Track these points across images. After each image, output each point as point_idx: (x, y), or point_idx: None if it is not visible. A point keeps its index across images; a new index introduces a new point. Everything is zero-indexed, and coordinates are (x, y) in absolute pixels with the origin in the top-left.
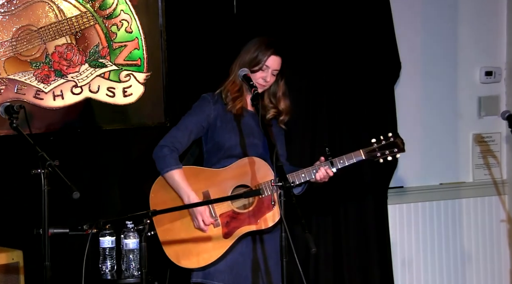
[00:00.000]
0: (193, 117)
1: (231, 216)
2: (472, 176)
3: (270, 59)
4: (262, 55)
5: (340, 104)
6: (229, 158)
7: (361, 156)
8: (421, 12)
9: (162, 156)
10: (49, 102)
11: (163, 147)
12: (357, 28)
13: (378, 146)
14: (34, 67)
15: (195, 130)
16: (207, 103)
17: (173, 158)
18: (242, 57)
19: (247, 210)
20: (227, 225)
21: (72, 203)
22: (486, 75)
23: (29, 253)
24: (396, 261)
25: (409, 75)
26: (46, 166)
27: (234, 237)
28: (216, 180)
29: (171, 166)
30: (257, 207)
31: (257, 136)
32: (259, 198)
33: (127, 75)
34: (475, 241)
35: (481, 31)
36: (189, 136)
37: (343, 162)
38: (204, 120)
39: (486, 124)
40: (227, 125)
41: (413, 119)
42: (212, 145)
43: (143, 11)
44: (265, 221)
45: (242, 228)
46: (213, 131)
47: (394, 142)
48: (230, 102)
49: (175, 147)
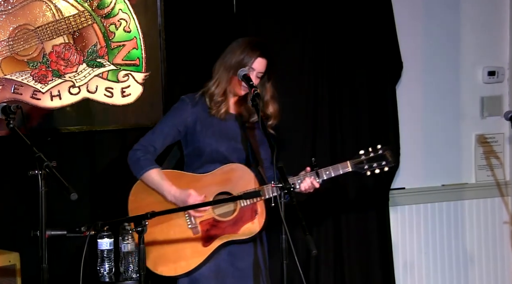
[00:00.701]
0: (169, 121)
1: (212, 223)
2: (474, 177)
3: (257, 61)
4: (249, 58)
5: (341, 105)
6: (213, 163)
7: (348, 168)
8: (423, 11)
9: (136, 159)
10: (46, 102)
11: (136, 150)
12: (359, 28)
13: (366, 158)
14: (31, 67)
15: (171, 134)
16: (185, 106)
17: (147, 159)
18: (228, 59)
19: (228, 219)
20: (207, 233)
21: (70, 205)
22: (489, 75)
23: (26, 255)
24: (398, 264)
25: (411, 75)
26: (44, 167)
27: (213, 245)
28: (198, 185)
29: (147, 167)
30: (239, 216)
31: (240, 141)
32: (242, 207)
33: (125, 75)
34: (478, 243)
35: (484, 30)
36: (164, 140)
37: (329, 173)
38: (181, 124)
39: (489, 125)
40: (207, 130)
41: (415, 120)
42: (193, 150)
43: (141, 10)
44: (246, 230)
45: (223, 236)
46: (193, 135)
47: (383, 154)
48: (215, 107)
49: (148, 151)
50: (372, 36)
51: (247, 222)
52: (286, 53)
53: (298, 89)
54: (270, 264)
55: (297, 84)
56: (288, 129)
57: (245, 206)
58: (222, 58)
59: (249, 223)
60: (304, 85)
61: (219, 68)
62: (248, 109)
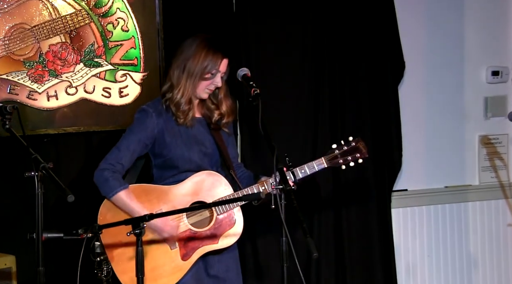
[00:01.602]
0: (135, 135)
1: (189, 236)
2: (478, 179)
3: (222, 64)
4: (214, 63)
5: (342, 105)
6: (184, 173)
7: (323, 164)
8: (426, 9)
9: (104, 180)
10: (43, 102)
11: (103, 170)
12: (360, 27)
13: (339, 152)
14: (28, 66)
15: (137, 149)
16: (149, 117)
17: (116, 180)
18: (190, 65)
19: (206, 228)
20: (185, 246)
21: (67, 207)
22: (492, 74)
23: (22, 258)
24: (400, 267)
25: (413, 75)
26: (40, 169)
27: (193, 258)
28: (169, 197)
29: (116, 189)
30: (217, 224)
31: (208, 144)
32: (218, 215)
33: (123, 75)
34: (482, 246)
35: (488, 29)
36: (131, 156)
37: (305, 172)
38: (148, 137)
39: (493, 125)
40: (176, 140)
41: (418, 120)
42: (163, 161)
43: (139, 9)
44: (227, 238)
45: (202, 248)
46: (162, 147)
47: (356, 146)
48: (182, 116)
49: (116, 169)
50: (374, 35)
51: (227, 229)
52: (287, 52)
53: (299, 89)
54: (271, 268)
55: (297, 84)
56: (289, 129)
57: (221, 213)
58: (181, 63)
59: (228, 231)
60: (304, 85)
61: (179, 74)
62: (208, 107)
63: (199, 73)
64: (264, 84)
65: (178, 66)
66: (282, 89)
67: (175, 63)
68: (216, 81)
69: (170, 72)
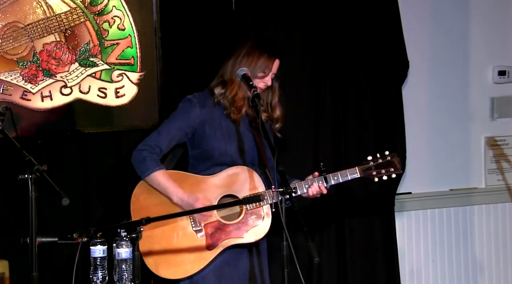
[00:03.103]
0: (177, 122)
1: (217, 227)
2: (484, 182)
3: (275, 64)
4: (267, 63)
5: (344, 105)
6: (219, 166)
7: (356, 174)
8: (431, 8)
9: (142, 159)
10: (37, 103)
11: (141, 151)
12: (363, 25)
13: (374, 164)
14: (21, 66)
15: (177, 136)
16: (193, 107)
17: (153, 160)
18: (246, 63)
19: (234, 222)
20: (211, 236)
21: (61, 210)
22: (499, 74)
23: (15, 263)
24: (404, 272)
25: (417, 75)
26: (34, 171)
27: (218, 249)
28: (202, 187)
29: (153, 168)
30: (244, 220)
31: (247, 141)
32: (247, 210)
33: (119, 74)
34: (488, 250)
35: (494, 28)
36: (169, 142)
37: (337, 179)
38: (189, 126)
39: (500, 127)
40: (216, 132)
41: (422, 121)
42: (200, 153)
43: (136, 7)
44: (252, 234)
45: (228, 240)
46: (201, 138)
47: (391, 161)
48: (236, 111)
49: (154, 151)
50: (377, 34)
51: (252, 226)
52: (287, 52)
53: (299, 89)
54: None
55: (298, 84)
56: (289, 130)
57: (250, 209)
58: (235, 61)
59: (255, 227)
60: (305, 85)
61: (235, 71)
62: None
63: (253, 72)
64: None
65: (233, 64)
66: (282, 88)
67: (229, 61)
68: (266, 80)
69: (223, 69)
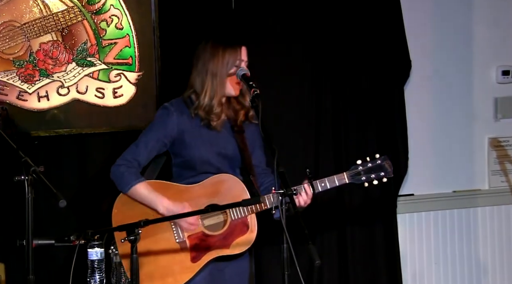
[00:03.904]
0: (154, 133)
1: (201, 238)
2: (488, 183)
3: (242, 52)
4: (234, 55)
5: (346, 105)
6: (204, 174)
7: (345, 180)
8: (433, 6)
9: (120, 174)
10: (33, 103)
11: (119, 166)
12: (364, 24)
13: (364, 169)
14: (17, 66)
15: (156, 147)
16: (170, 115)
17: (132, 174)
18: (211, 66)
19: (218, 233)
20: (195, 248)
21: (58, 212)
22: (503, 74)
23: (11, 266)
24: (406, 274)
25: (420, 75)
26: (30, 172)
27: (203, 261)
28: (186, 197)
29: (132, 182)
30: (230, 230)
31: (229, 147)
32: (232, 220)
33: (117, 74)
34: (491, 253)
35: (498, 27)
36: (148, 154)
37: (325, 186)
38: (167, 135)
39: (503, 127)
40: (196, 141)
41: (424, 122)
42: (182, 162)
43: (134, 6)
44: (238, 245)
45: (212, 252)
46: (181, 147)
47: (381, 165)
48: (216, 118)
49: (132, 165)
50: (379, 33)
51: (238, 237)
52: (287, 51)
53: (300, 89)
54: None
55: (298, 83)
56: (289, 130)
57: (236, 219)
58: (201, 68)
59: (240, 238)
60: (305, 85)
61: (203, 79)
62: (234, 108)
63: (225, 71)
64: (264, 84)
65: (199, 73)
66: (282, 88)
67: (194, 71)
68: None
69: (191, 80)
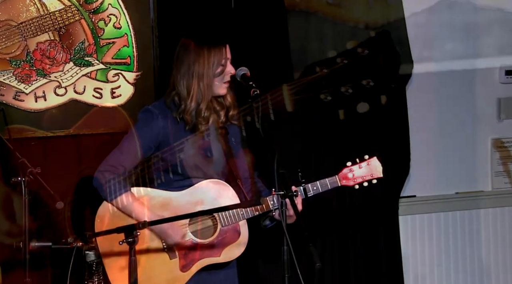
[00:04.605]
0: (139, 137)
1: (190, 246)
2: (491, 185)
3: (227, 51)
4: (220, 55)
5: (346, 106)
6: (189, 179)
7: (337, 182)
8: (436, 6)
9: (104, 183)
10: (30, 104)
11: (103, 172)
12: None
13: (354, 171)
14: (14, 65)
15: (141, 152)
16: (154, 119)
17: (117, 182)
18: (196, 68)
19: (207, 241)
20: (185, 257)
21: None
22: (506, 74)
23: (8, 268)
24: (408, 277)
25: (422, 74)
26: (27, 174)
27: (192, 270)
28: (171, 206)
29: (117, 192)
30: (220, 238)
31: (215, 151)
32: (222, 227)
33: (115, 74)
34: (494, 255)
35: (501, 27)
36: (133, 159)
37: (317, 189)
38: (152, 140)
39: (506, 128)
40: (181, 145)
41: (427, 123)
42: (167, 166)
43: (132, 5)
44: (229, 252)
45: (203, 260)
46: (166, 152)
47: (370, 166)
48: (204, 122)
49: (117, 171)
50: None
51: (228, 244)
52: (287, 49)
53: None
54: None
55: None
56: (289, 131)
57: (225, 226)
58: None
59: (231, 245)
60: (306, 84)
61: (188, 83)
62: (214, 109)
63: (211, 72)
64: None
65: (183, 76)
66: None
67: (177, 73)
68: (228, 70)
69: (173, 82)
